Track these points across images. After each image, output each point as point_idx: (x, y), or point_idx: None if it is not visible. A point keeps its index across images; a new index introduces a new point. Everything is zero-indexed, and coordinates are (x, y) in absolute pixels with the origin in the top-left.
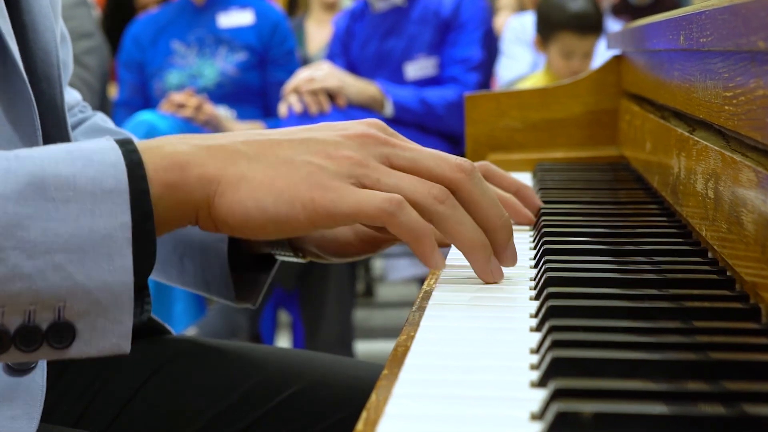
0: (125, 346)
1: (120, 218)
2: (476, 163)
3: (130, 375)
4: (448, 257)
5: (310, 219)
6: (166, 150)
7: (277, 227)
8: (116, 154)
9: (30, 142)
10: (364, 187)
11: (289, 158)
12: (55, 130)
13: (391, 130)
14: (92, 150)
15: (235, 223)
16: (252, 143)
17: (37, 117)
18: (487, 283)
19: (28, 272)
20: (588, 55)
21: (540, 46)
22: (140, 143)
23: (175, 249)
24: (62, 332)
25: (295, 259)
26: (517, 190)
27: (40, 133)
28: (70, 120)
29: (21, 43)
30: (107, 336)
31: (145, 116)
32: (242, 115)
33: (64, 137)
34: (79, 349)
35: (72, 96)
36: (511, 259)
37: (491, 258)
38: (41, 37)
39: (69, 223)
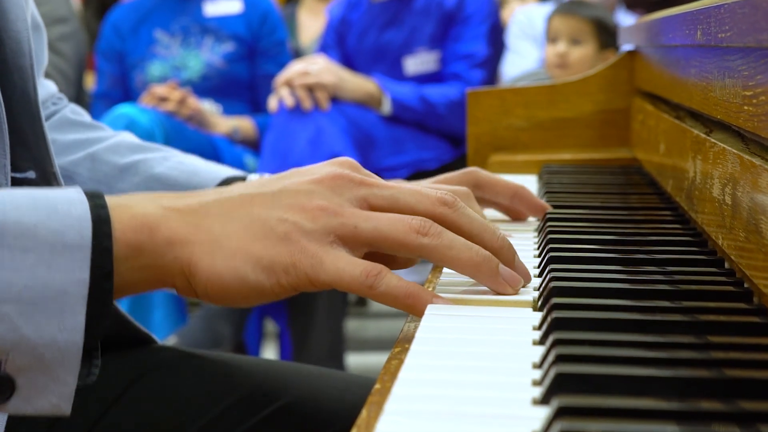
0: (65, 408)
1: (77, 274)
2: (463, 170)
3: (104, 387)
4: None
5: (292, 284)
6: (136, 210)
7: (260, 294)
8: (83, 208)
9: None
10: (344, 239)
11: (263, 216)
12: (28, 124)
13: (364, 170)
14: (59, 200)
15: (215, 294)
16: (223, 202)
17: (3, 111)
18: (505, 295)
19: None
20: (578, 43)
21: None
22: (110, 199)
23: None
24: (0, 386)
25: None
26: (514, 194)
27: (5, 128)
28: (43, 113)
29: None
30: (48, 395)
31: (124, 109)
32: (229, 110)
33: (38, 132)
34: (15, 406)
35: (45, 88)
36: (524, 276)
37: (499, 268)
38: (12, 26)
39: (23, 273)
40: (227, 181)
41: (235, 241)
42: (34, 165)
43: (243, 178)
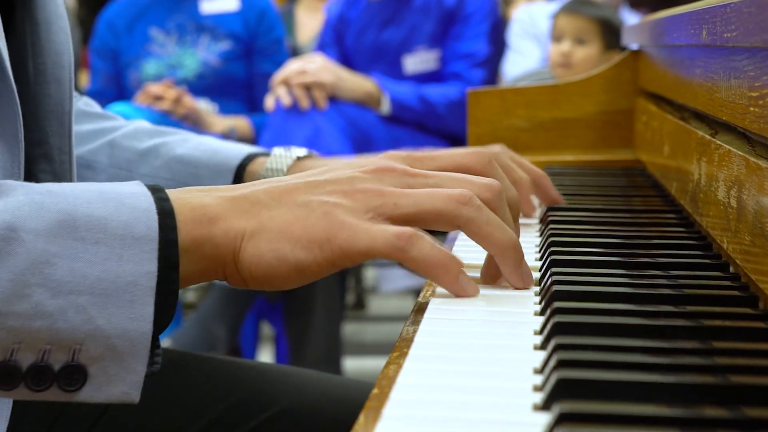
0: (135, 395)
1: (146, 266)
2: (492, 147)
3: None
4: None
5: (329, 260)
6: (195, 202)
7: (300, 274)
8: (148, 201)
9: (9, 152)
10: (384, 216)
11: (306, 201)
12: (56, 138)
13: (416, 155)
14: (124, 193)
15: (259, 276)
16: (271, 190)
17: (21, 125)
18: (516, 288)
19: (50, 311)
20: (583, 42)
21: None
22: (169, 192)
23: None
24: (74, 375)
25: None
26: (535, 180)
27: (22, 140)
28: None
29: (32, 41)
30: (118, 384)
31: (118, 108)
32: (225, 110)
33: (65, 147)
34: (88, 394)
35: None
36: (526, 281)
37: (523, 261)
38: (54, 36)
39: (96, 266)
40: (249, 157)
41: (279, 224)
42: (53, 178)
43: (266, 154)
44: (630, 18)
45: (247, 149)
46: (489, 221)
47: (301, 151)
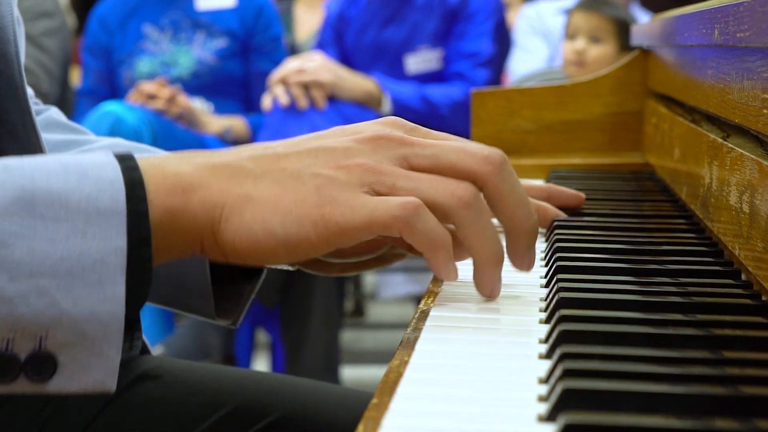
0: (110, 383)
1: (114, 242)
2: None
3: (86, 398)
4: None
5: (322, 238)
6: (168, 170)
7: (289, 251)
8: (115, 171)
9: None
10: (379, 195)
11: (296, 172)
12: (17, 114)
13: (411, 125)
14: (88, 164)
15: (243, 250)
16: (258, 158)
17: None
18: (481, 295)
19: (9, 296)
20: (597, 41)
21: None
22: (141, 160)
23: None
24: (42, 364)
25: (284, 266)
26: (548, 196)
27: None
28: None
29: None
30: (91, 371)
31: (111, 107)
32: (220, 109)
33: (28, 122)
34: (59, 384)
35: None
36: (528, 265)
37: (499, 270)
38: None
39: (58, 244)
40: None
41: (266, 195)
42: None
43: None
44: (640, 17)
45: None
46: (482, 230)
47: None
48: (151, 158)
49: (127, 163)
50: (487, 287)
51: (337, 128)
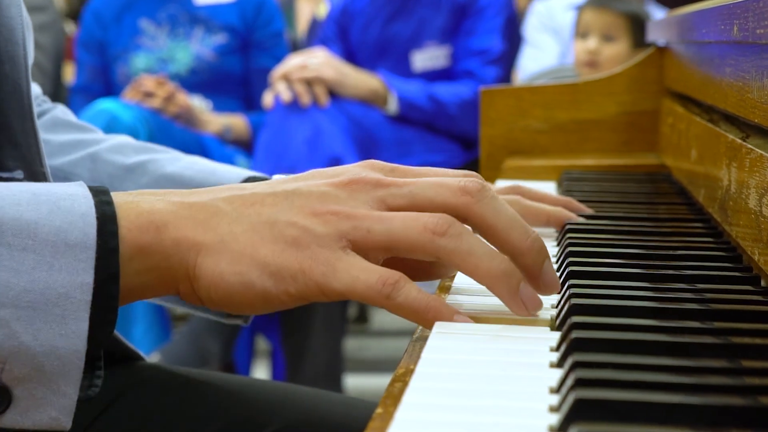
0: (65, 422)
1: (81, 277)
2: (505, 187)
3: (79, 407)
4: (455, 279)
5: (301, 293)
6: (143, 207)
7: (266, 302)
8: (87, 204)
9: None
10: (356, 244)
11: (272, 218)
12: (17, 120)
13: (391, 166)
14: (61, 195)
15: (219, 299)
16: (234, 200)
17: None
18: (520, 316)
19: None
20: (610, 39)
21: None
22: (115, 195)
23: None
24: None
25: (237, 322)
26: (547, 220)
27: None
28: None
29: None
30: (46, 408)
31: (105, 105)
32: (220, 107)
33: (29, 129)
34: (12, 419)
35: (32, 89)
36: (551, 287)
37: (521, 286)
38: (5, 11)
39: (22, 275)
40: (248, 181)
41: (242, 243)
42: (22, 164)
43: (265, 179)
44: (656, 13)
45: (245, 173)
46: (471, 250)
47: None
48: (124, 194)
49: (100, 197)
50: (515, 305)
51: (315, 171)
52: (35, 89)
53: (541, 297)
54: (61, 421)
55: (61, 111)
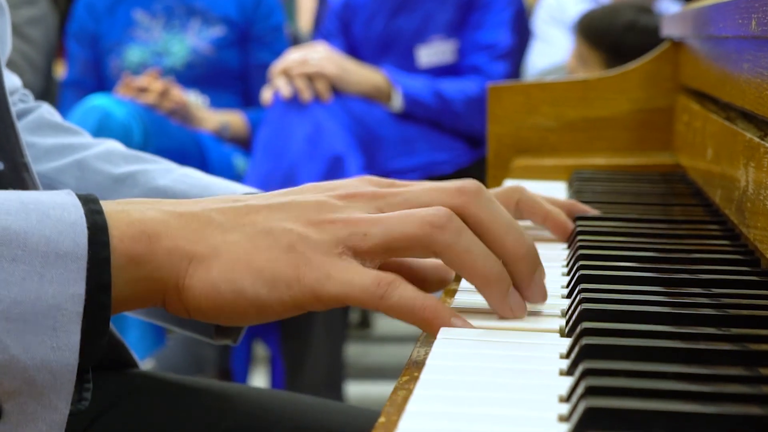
0: None
1: (72, 288)
2: (509, 187)
3: (68, 420)
4: (462, 282)
5: (296, 301)
6: (134, 216)
7: (259, 312)
8: (77, 213)
9: None
10: (354, 250)
11: (267, 227)
12: None
13: (388, 181)
14: (50, 204)
15: (207, 307)
16: (227, 211)
17: None
18: (505, 319)
19: None
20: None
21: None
22: (105, 204)
23: None
24: None
25: (226, 342)
26: (545, 218)
27: None
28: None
29: None
30: (37, 423)
31: (98, 100)
32: (217, 103)
33: (6, 119)
34: None
35: (11, 80)
36: (538, 296)
37: (510, 291)
38: None
39: (12, 287)
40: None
41: (236, 251)
42: (2, 155)
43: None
44: (670, 6)
45: (241, 188)
46: (469, 248)
47: None
48: (115, 202)
49: (90, 205)
50: (503, 309)
51: (311, 185)
52: (14, 81)
53: (552, 303)
54: None
55: (47, 111)
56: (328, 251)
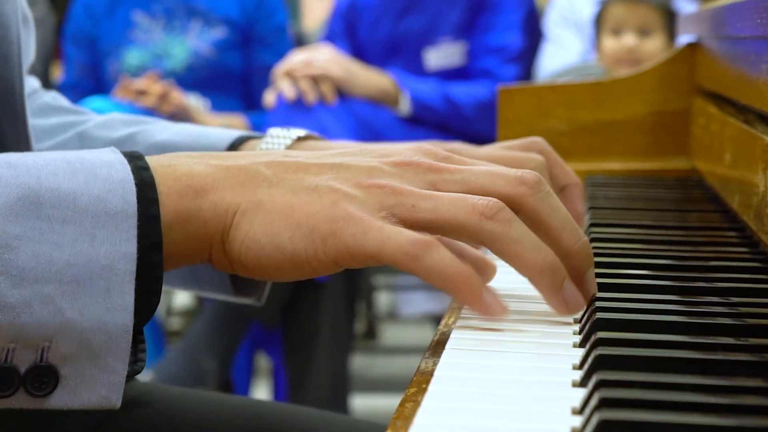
0: (115, 400)
1: (124, 247)
2: (529, 139)
3: (68, 429)
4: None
5: (330, 257)
6: (181, 171)
7: (296, 267)
8: (124, 170)
9: None
10: (398, 218)
11: (313, 184)
12: (9, 122)
13: (446, 153)
14: (97, 163)
15: (249, 262)
16: (276, 165)
17: None
18: (560, 315)
19: (11, 303)
20: (647, 34)
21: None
22: (151, 159)
23: None
24: (43, 377)
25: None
26: (562, 189)
27: None
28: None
29: None
30: (96, 386)
31: (96, 104)
32: (218, 106)
33: (21, 131)
34: (60, 400)
35: (30, 84)
36: (589, 294)
37: (565, 284)
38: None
39: (65, 249)
40: (241, 139)
41: (279, 205)
42: None
43: (260, 137)
44: (686, 6)
45: (237, 132)
46: (519, 239)
47: (301, 132)
48: (161, 158)
49: (136, 162)
50: (557, 303)
51: (365, 147)
52: (33, 85)
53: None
54: (111, 399)
55: (52, 97)
56: (371, 212)
